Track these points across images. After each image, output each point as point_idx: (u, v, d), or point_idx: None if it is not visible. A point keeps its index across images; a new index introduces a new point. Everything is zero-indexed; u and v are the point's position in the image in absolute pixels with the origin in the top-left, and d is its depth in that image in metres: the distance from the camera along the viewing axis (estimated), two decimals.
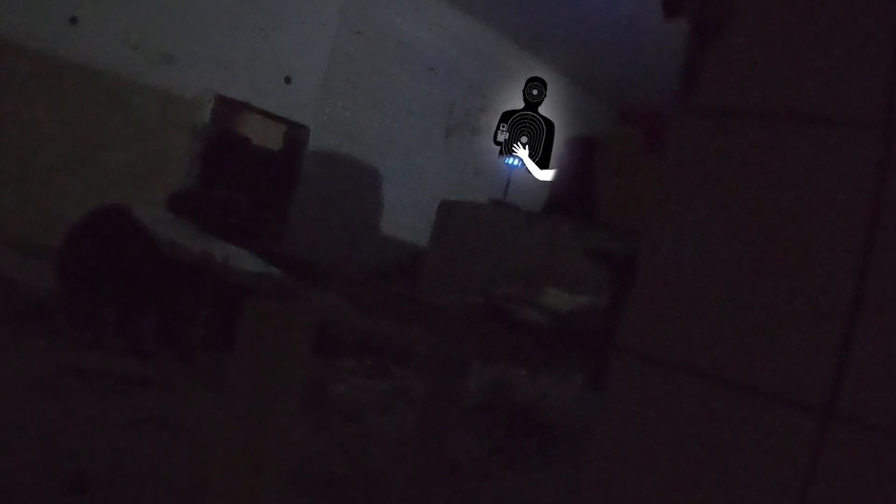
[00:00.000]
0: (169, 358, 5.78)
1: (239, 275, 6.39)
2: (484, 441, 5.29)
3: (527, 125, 14.80)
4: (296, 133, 12.11)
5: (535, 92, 14.78)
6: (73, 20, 9.30)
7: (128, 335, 5.81)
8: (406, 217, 13.58)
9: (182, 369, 5.60)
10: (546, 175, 14.06)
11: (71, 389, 4.57)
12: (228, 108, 11.17)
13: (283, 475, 2.56)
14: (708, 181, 1.70)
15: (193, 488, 3.39)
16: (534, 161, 14.65)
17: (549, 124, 14.85)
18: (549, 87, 15.07)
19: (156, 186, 9.81)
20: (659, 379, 1.70)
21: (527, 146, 14.59)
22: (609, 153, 11.23)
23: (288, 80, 11.58)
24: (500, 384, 7.01)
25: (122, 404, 4.57)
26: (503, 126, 14.85)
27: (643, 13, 11.98)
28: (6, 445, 3.40)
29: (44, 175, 9.33)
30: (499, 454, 5.06)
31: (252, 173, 11.32)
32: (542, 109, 14.83)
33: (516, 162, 14.88)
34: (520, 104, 14.90)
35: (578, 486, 1.83)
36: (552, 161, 14.40)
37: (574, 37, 13.67)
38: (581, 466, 1.89)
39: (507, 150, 14.63)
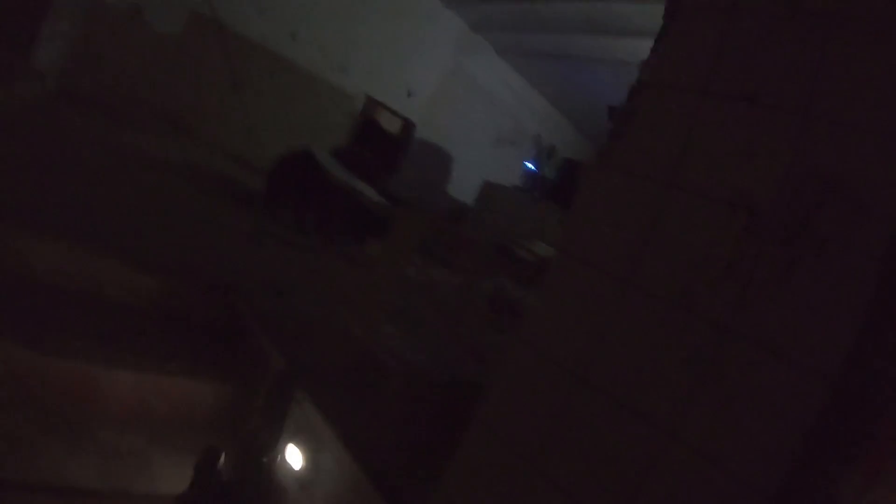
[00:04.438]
0: (320, 238, 6.13)
1: (365, 199, 6.70)
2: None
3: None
4: (408, 125, 12.34)
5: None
6: (293, 35, 9.64)
7: (299, 221, 6.18)
8: (463, 185, 13.78)
9: (325, 243, 5.94)
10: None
11: (268, 245, 4.97)
12: (372, 104, 11.45)
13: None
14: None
15: (326, 297, 3.76)
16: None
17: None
18: (558, 127, 15.32)
19: (326, 141, 10.22)
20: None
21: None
22: (587, 173, 11.44)
23: (409, 94, 11.78)
24: (500, 288, 7.25)
25: (294, 257, 4.99)
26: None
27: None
28: (235, 265, 3.80)
29: (264, 125, 9.73)
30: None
31: (380, 144, 11.63)
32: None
33: (532, 166, 15.09)
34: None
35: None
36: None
37: (578, 99, 13.72)
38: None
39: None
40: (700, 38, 1.63)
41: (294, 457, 2.23)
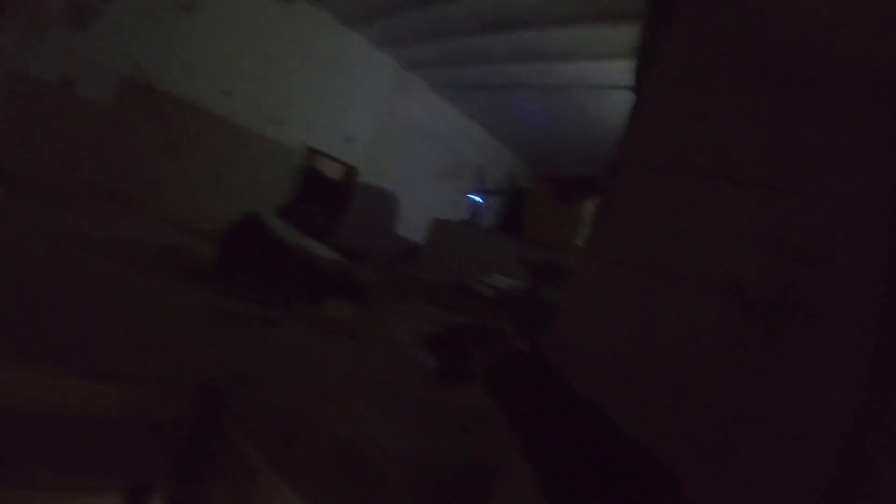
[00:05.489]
0: (280, 306, 5.93)
1: (319, 259, 6.58)
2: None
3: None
4: (351, 171, 12.26)
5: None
6: (228, 93, 9.52)
7: (256, 291, 5.99)
8: (411, 224, 13.78)
9: (287, 313, 5.75)
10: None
11: (227, 322, 4.73)
12: (313, 154, 11.36)
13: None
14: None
15: (303, 385, 3.61)
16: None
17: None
18: (498, 154, 15.38)
19: (271, 196, 10.10)
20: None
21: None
22: (534, 199, 11.58)
23: (349, 140, 11.74)
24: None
25: (257, 333, 4.77)
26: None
27: (561, 126, 12.30)
28: (198, 357, 3.61)
29: (205, 187, 9.55)
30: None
31: (325, 194, 11.56)
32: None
33: (478, 198, 15.15)
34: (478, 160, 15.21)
35: None
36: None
37: (514, 125, 13.91)
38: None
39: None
40: (672, 112, 1.62)
41: None
